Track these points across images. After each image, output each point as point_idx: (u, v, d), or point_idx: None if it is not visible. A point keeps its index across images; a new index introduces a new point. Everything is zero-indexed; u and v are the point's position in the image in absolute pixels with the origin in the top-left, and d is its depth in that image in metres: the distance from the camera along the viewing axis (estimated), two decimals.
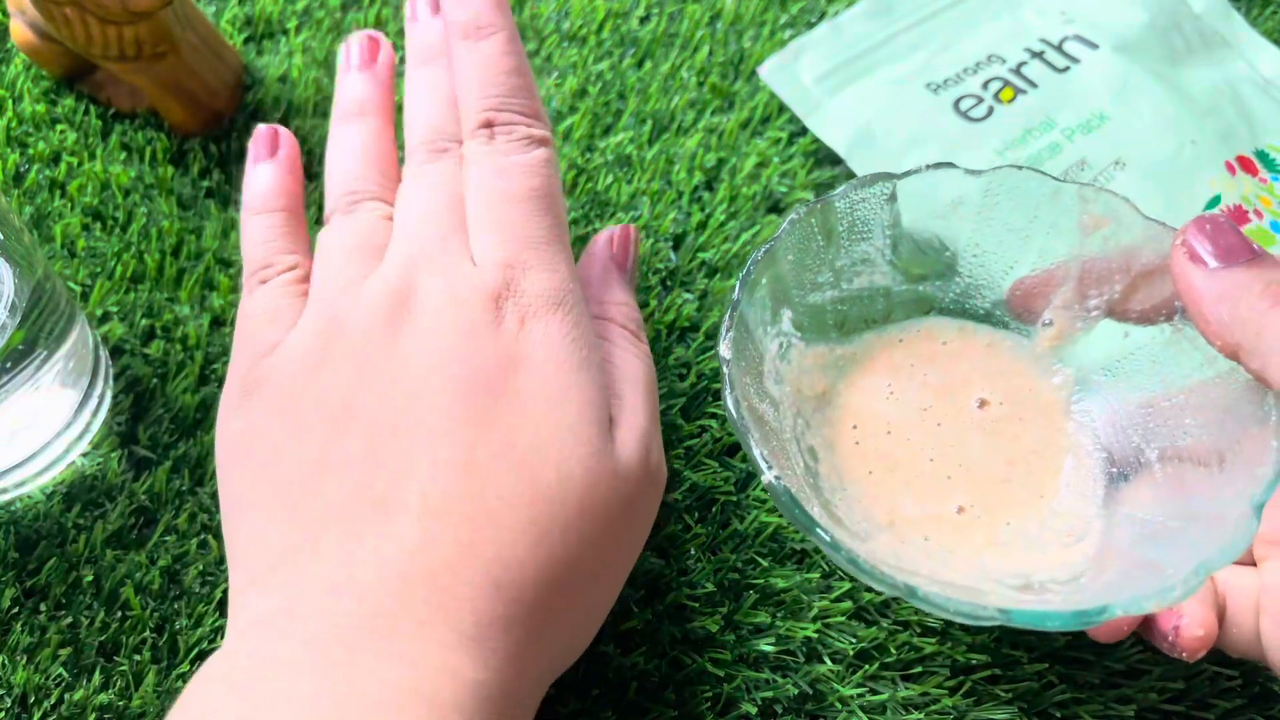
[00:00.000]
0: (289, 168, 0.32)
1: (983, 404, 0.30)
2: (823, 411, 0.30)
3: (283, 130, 0.33)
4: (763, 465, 0.24)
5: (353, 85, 0.34)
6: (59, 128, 0.41)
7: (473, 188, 0.29)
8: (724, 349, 0.26)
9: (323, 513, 0.24)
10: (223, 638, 0.31)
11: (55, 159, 0.40)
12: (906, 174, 0.28)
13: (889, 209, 0.29)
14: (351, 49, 0.34)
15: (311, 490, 0.24)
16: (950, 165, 0.28)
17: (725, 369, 0.26)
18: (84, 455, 0.34)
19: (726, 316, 0.27)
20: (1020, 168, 0.29)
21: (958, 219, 0.30)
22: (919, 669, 0.31)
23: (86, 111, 0.41)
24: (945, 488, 0.28)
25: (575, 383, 0.26)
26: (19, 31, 0.40)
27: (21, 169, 0.40)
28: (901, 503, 0.28)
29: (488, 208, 0.28)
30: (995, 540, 0.28)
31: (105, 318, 0.37)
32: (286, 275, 0.30)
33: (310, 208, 0.40)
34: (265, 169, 0.32)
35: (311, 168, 0.41)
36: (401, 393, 0.25)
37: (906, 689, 0.31)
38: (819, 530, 0.24)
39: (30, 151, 0.40)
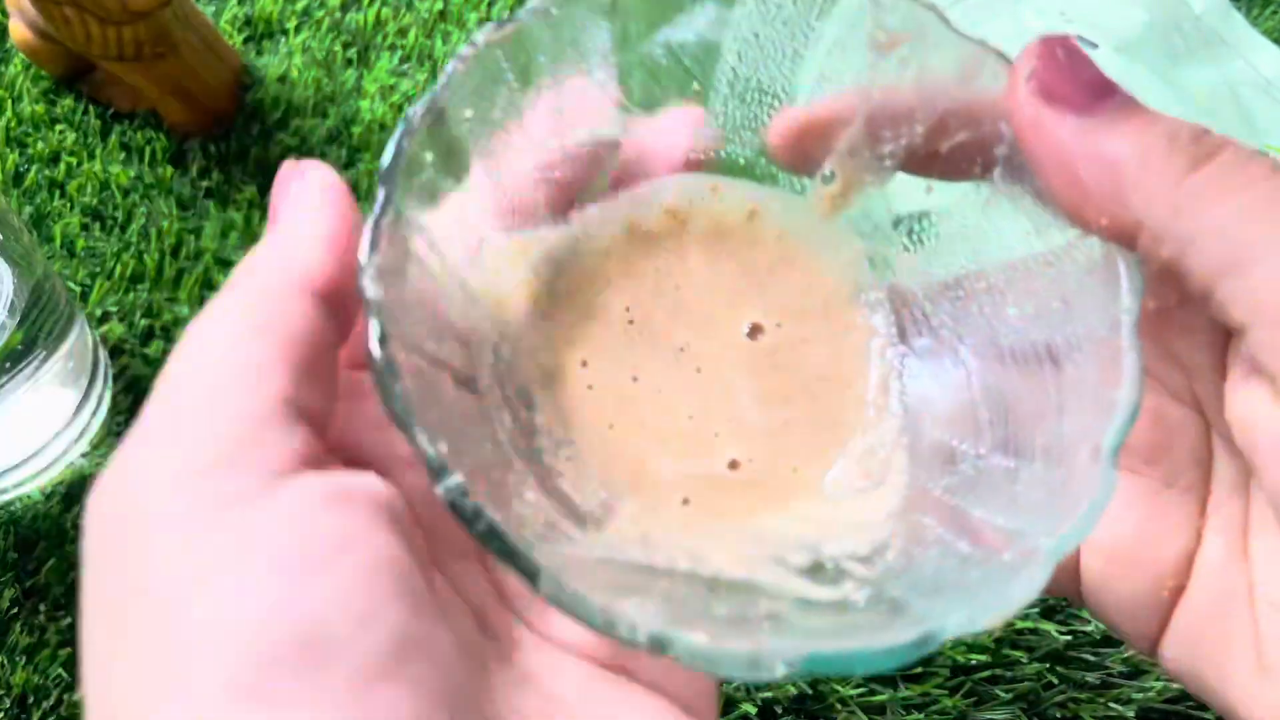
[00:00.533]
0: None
1: (754, 330, 0.22)
2: (540, 330, 0.21)
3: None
4: (434, 474, 0.15)
5: None
6: (58, 128, 0.41)
7: None
8: (367, 285, 0.16)
9: None
10: None
11: (55, 159, 0.40)
12: None
13: (610, 27, 0.21)
14: None
15: None
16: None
17: (373, 319, 0.16)
18: (83, 455, 0.34)
19: (368, 226, 0.17)
20: None
21: (708, 35, 0.21)
22: (919, 669, 0.31)
23: (86, 111, 0.41)
24: (711, 444, 0.21)
25: None
26: (18, 31, 0.40)
27: (21, 169, 0.40)
28: (652, 463, 0.21)
29: None
30: (773, 495, 0.21)
31: (104, 318, 0.37)
32: None
33: None
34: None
35: None
36: None
37: (907, 689, 0.31)
38: (532, 573, 0.15)
39: (30, 151, 0.40)
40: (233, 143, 0.41)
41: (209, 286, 0.38)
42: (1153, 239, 0.16)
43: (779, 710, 0.30)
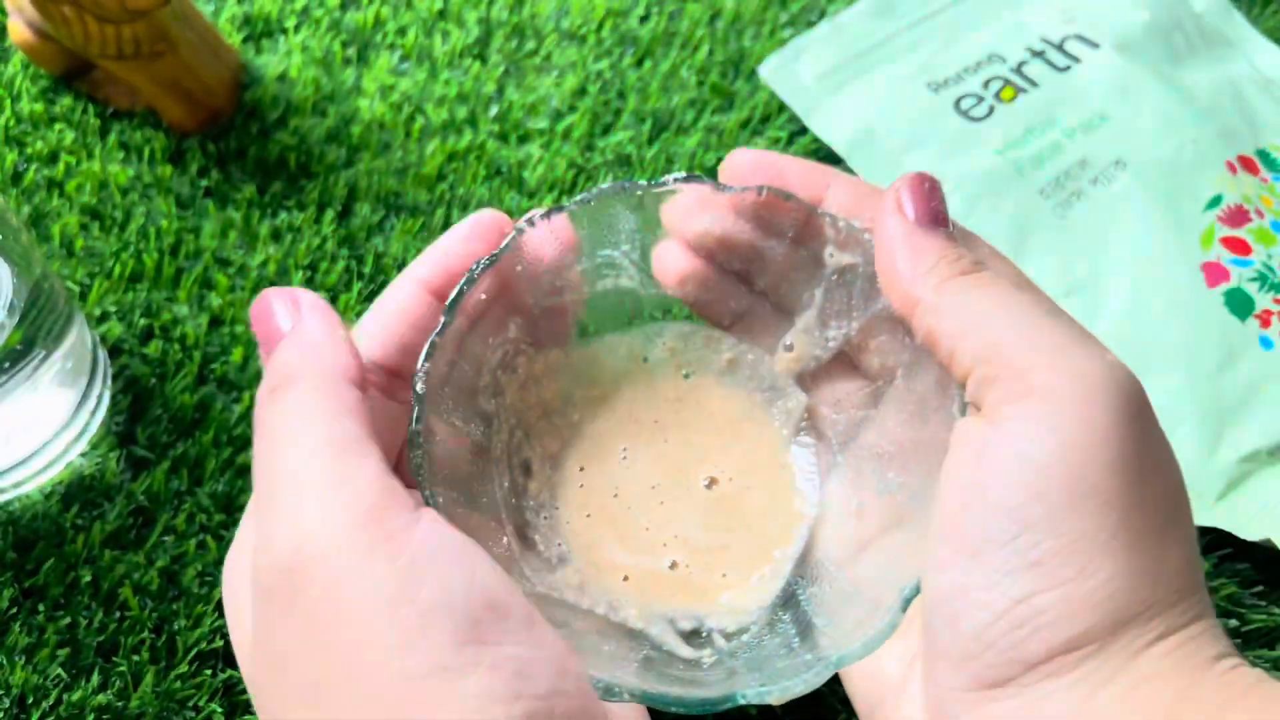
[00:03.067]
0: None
1: (712, 482, 0.29)
2: (550, 420, 0.29)
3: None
4: (428, 499, 0.23)
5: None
6: (57, 127, 0.41)
7: None
8: (418, 383, 0.24)
9: None
10: (222, 638, 0.31)
11: (53, 158, 0.40)
12: (654, 185, 0.27)
13: (636, 216, 0.28)
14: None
15: None
16: (698, 179, 0.27)
17: (415, 409, 0.24)
18: (82, 455, 0.34)
19: (428, 345, 0.24)
20: (775, 192, 0.27)
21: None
22: None
23: (84, 110, 0.41)
24: (658, 550, 0.28)
25: None
26: (17, 30, 0.40)
27: (19, 168, 0.40)
28: (610, 547, 0.28)
29: None
30: (698, 588, 0.28)
31: (104, 317, 0.37)
32: None
33: (308, 207, 0.40)
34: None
35: (309, 166, 0.41)
36: None
37: None
38: None
39: (28, 150, 0.40)
40: (231, 142, 0.41)
41: (208, 285, 0.38)
42: (922, 312, 0.23)
43: (780, 710, 0.30)
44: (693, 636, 0.27)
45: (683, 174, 0.27)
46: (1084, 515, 0.20)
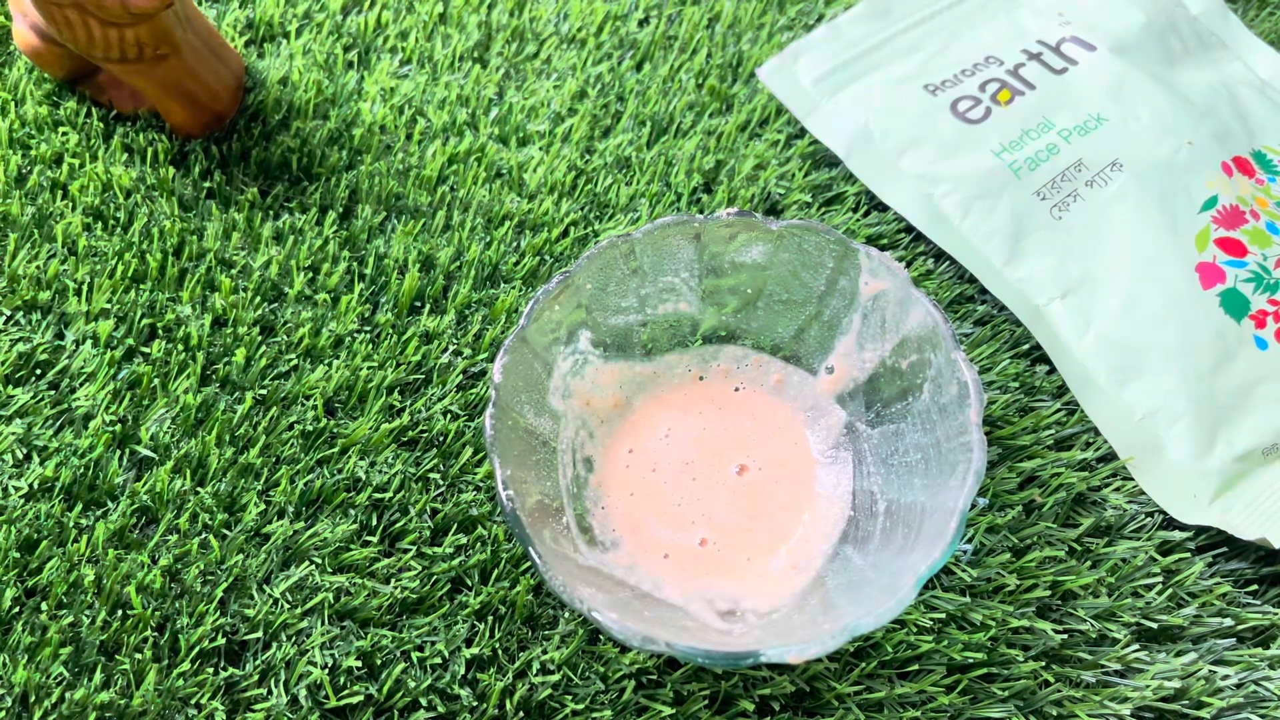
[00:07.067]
0: None
1: (741, 469, 0.32)
2: (610, 424, 0.33)
3: None
4: (500, 486, 0.27)
5: None
6: (61, 130, 0.41)
7: None
8: (496, 373, 0.28)
9: None
10: (224, 637, 0.31)
11: (57, 160, 0.40)
12: (709, 218, 0.30)
13: (695, 246, 0.31)
14: None
15: None
16: (748, 214, 0.30)
17: (493, 391, 0.28)
18: (86, 455, 0.34)
19: (507, 340, 0.29)
20: (817, 231, 0.30)
21: (761, 261, 0.32)
22: (915, 667, 0.31)
23: (88, 114, 0.41)
24: (690, 527, 0.31)
25: None
26: (21, 35, 0.40)
27: (24, 170, 0.40)
28: (650, 526, 0.31)
29: None
30: (729, 567, 0.30)
31: (106, 316, 0.37)
32: None
33: (310, 209, 0.40)
34: None
35: (312, 169, 0.41)
36: None
37: (902, 686, 0.31)
38: (532, 550, 0.26)
39: (33, 153, 0.40)
40: (234, 144, 0.41)
41: (211, 287, 0.38)
42: None
43: (776, 707, 0.31)
44: (728, 615, 0.29)
45: (735, 209, 0.31)
46: None
